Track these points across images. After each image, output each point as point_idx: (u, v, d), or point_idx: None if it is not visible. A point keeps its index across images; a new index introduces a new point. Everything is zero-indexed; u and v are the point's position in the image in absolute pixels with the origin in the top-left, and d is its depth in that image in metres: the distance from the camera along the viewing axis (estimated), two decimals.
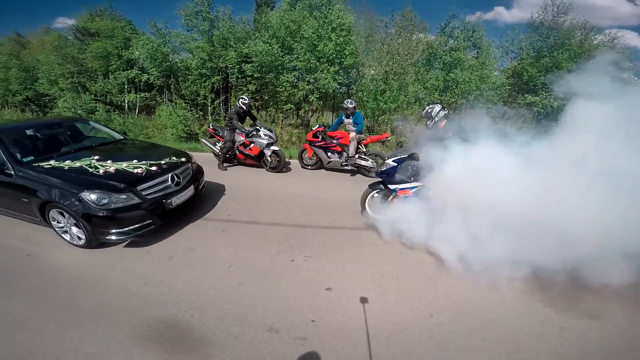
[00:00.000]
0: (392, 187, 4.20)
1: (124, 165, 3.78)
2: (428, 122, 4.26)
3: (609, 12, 27.60)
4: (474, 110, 9.58)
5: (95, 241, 3.48)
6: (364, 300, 2.89)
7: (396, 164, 4.17)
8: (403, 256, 3.66)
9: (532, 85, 11.11)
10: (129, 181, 3.56)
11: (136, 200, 3.49)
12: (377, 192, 4.50)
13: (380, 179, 4.39)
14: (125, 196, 3.43)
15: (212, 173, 6.07)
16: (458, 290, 3.06)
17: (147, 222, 3.55)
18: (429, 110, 4.26)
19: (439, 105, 4.25)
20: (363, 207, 4.58)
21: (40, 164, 3.64)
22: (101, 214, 3.30)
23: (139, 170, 3.73)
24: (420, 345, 2.43)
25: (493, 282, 3.05)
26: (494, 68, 11.39)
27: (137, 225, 3.47)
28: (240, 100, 6.65)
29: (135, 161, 3.89)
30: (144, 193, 3.58)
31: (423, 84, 10.79)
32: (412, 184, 4.11)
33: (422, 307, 2.83)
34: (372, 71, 11.09)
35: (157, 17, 13.64)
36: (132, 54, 11.78)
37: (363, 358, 2.32)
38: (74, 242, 3.59)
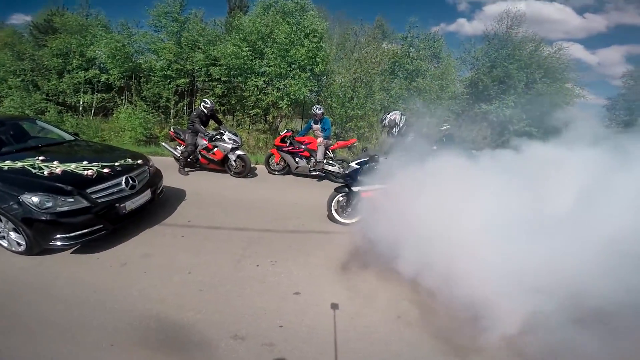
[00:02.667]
0: (355, 189, 4.28)
1: (72, 166, 3.48)
2: (394, 130, 4.30)
3: (561, 25, 30.51)
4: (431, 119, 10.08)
5: (37, 247, 3.15)
6: (333, 304, 2.84)
7: (358, 167, 4.29)
8: (369, 259, 3.64)
9: (486, 95, 11.82)
10: (78, 183, 3.28)
11: (85, 203, 3.22)
12: (342, 196, 4.55)
13: (345, 182, 4.45)
14: (72, 199, 3.16)
15: (173, 178, 5.77)
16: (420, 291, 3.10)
17: (97, 227, 3.28)
18: (392, 118, 4.35)
19: (399, 112, 4.37)
20: (329, 211, 4.60)
21: None
22: (44, 218, 3.00)
23: (89, 172, 3.45)
24: (389, 347, 2.42)
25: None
26: (453, 78, 12.03)
27: (85, 231, 3.19)
28: (202, 103, 6.46)
29: (85, 162, 3.59)
30: (94, 196, 3.32)
31: (388, 92, 11.13)
32: (374, 186, 4.17)
33: (389, 309, 2.83)
34: (342, 78, 11.31)
35: (129, 16, 13.11)
36: (95, 52, 11.17)
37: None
38: (12, 249, 3.24)
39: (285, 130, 6.99)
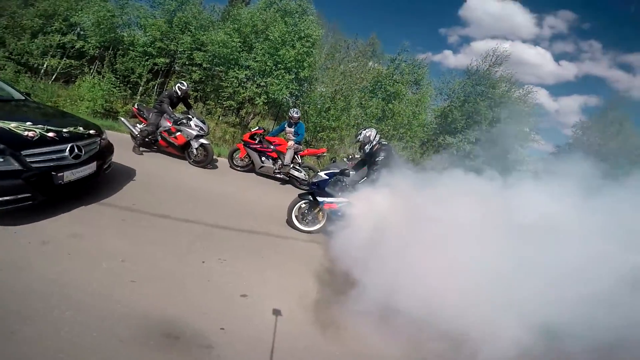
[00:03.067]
0: (320, 199, 4.29)
1: (12, 125, 3.05)
2: (366, 146, 4.35)
3: (536, 69, 33.07)
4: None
5: None
6: (275, 310, 2.70)
7: (327, 177, 4.28)
8: (323, 269, 3.60)
9: (453, 127, 12.43)
10: (13, 143, 2.88)
11: (15, 166, 2.82)
12: (304, 203, 4.50)
13: (310, 190, 4.44)
14: (2, 159, 2.76)
15: (125, 156, 5.25)
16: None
17: (24, 195, 2.87)
18: (367, 134, 4.38)
19: (374, 130, 4.44)
20: (289, 216, 4.53)
21: None
22: None
23: (30, 134, 3.05)
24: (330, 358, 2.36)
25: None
26: (427, 106, 12.57)
27: (8, 198, 2.77)
28: (178, 84, 6.17)
29: (29, 123, 3.17)
30: (28, 160, 2.92)
31: (364, 110, 11.34)
32: (339, 199, 4.23)
33: (336, 320, 2.76)
34: (323, 88, 11.40)
35: None
36: (80, 18, 10.56)
37: None
38: None
39: (257, 127, 6.80)
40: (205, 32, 10.59)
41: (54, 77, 11.25)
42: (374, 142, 4.35)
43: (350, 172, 4.32)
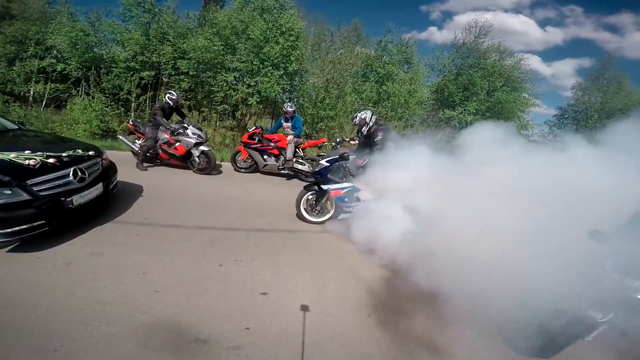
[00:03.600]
0: (324, 187, 4.27)
1: (11, 155, 3.10)
2: (363, 129, 4.34)
3: (522, 37, 32.64)
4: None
5: None
6: (303, 305, 2.74)
7: (329, 164, 4.26)
8: (340, 258, 3.64)
9: (451, 101, 12.34)
10: (17, 174, 2.93)
11: (24, 196, 2.87)
12: (311, 194, 4.50)
13: (315, 181, 4.42)
14: (10, 191, 2.81)
15: (130, 173, 5.40)
16: (392, 289, 3.12)
17: (39, 222, 2.94)
18: (363, 117, 4.40)
19: (370, 111, 4.43)
20: (298, 210, 4.54)
21: None
22: None
23: (31, 162, 3.10)
24: (361, 346, 2.38)
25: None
26: (422, 83, 12.46)
27: (25, 227, 2.85)
28: (167, 95, 6.16)
29: (28, 152, 3.21)
30: (35, 189, 2.97)
31: (359, 94, 11.27)
32: (343, 185, 4.23)
33: (359, 308, 2.80)
34: (315, 79, 11.32)
35: (98, 4, 12.29)
36: (54, 40, 10.37)
37: None
38: None
39: (254, 127, 6.81)
40: (184, 39, 10.44)
41: (44, 104, 11.16)
42: (370, 124, 4.36)
43: (350, 155, 4.30)
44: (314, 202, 4.55)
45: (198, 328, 2.33)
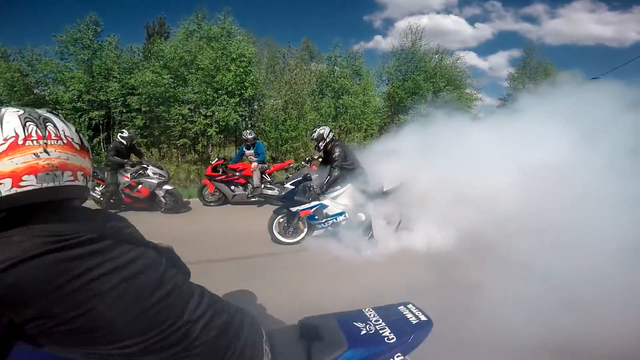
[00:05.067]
0: (293, 209, 4.38)
1: None
2: (320, 144, 4.45)
3: (457, 35, 34.92)
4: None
5: None
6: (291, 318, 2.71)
7: (293, 187, 4.37)
8: (322, 270, 3.71)
9: (402, 106, 12.98)
10: None
11: None
12: (282, 217, 4.58)
13: (283, 204, 4.51)
14: None
15: None
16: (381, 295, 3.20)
17: None
18: (321, 132, 4.47)
19: (328, 127, 4.55)
20: (272, 234, 4.58)
21: None
22: None
23: None
24: None
25: None
26: (374, 93, 13.01)
27: None
28: (119, 134, 5.99)
29: None
30: None
31: (318, 112, 11.53)
32: (311, 204, 4.36)
33: None
34: (273, 101, 11.42)
35: (32, 41, 11.22)
36: None
37: None
38: None
39: (217, 159, 6.74)
40: (131, 74, 10.08)
41: None
42: (327, 139, 4.43)
43: (313, 175, 4.47)
44: (286, 224, 4.61)
45: None
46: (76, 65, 10.09)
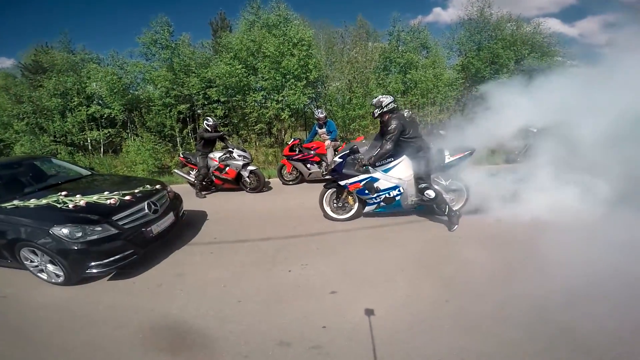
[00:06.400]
0: (342, 183, 4.28)
1: (94, 197, 3.53)
2: (377, 110, 4.10)
3: (531, 1, 30.02)
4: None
5: (75, 277, 3.19)
6: (372, 298, 2.80)
7: (341, 160, 4.25)
8: (400, 248, 3.67)
9: (480, 77, 11.79)
10: (103, 212, 3.33)
11: (113, 231, 3.25)
12: (332, 192, 4.56)
13: (333, 178, 4.44)
14: (100, 228, 3.20)
15: (191, 202, 5.83)
16: (466, 270, 3.10)
17: (129, 252, 3.31)
18: (382, 100, 4.07)
19: (390, 97, 4.12)
20: (323, 210, 4.61)
21: (3, 205, 3.34)
22: (76, 248, 3.05)
23: (112, 201, 3.50)
24: (443, 333, 2.35)
25: None
26: (445, 65, 12.05)
27: (117, 257, 3.22)
28: (205, 121, 6.51)
29: (107, 193, 3.64)
30: (120, 223, 3.35)
31: (385, 88, 11.17)
32: (360, 177, 4.18)
33: (435, 295, 2.79)
34: (337, 83, 11.40)
35: (115, 47, 13.03)
36: (91, 87, 11.11)
37: (386, 356, 2.19)
38: (52, 280, 3.29)
39: (293, 139, 7.03)
40: (207, 68, 10.83)
41: (102, 150, 12.04)
42: (385, 109, 4.02)
43: (361, 148, 4.31)
44: (335, 200, 4.57)
45: (280, 332, 2.47)
46: (159, 64, 11.03)
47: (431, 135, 7.02)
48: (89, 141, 11.86)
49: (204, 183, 6.53)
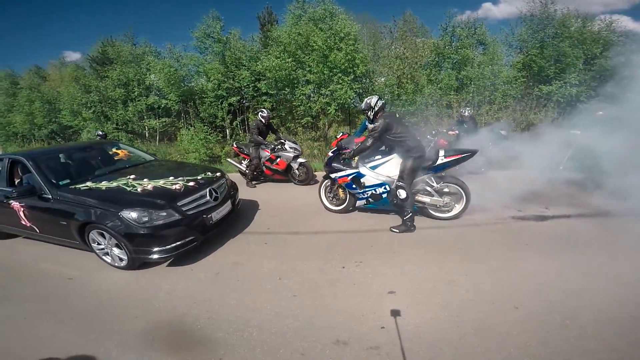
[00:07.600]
0: (332, 176, 4.50)
1: (161, 182, 3.67)
2: (368, 113, 4.10)
3: None
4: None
5: (137, 261, 3.33)
6: (434, 300, 2.63)
7: (332, 155, 4.49)
8: (462, 252, 3.44)
9: (544, 76, 10.85)
10: (169, 197, 3.43)
11: (177, 216, 3.34)
12: (327, 183, 4.81)
13: (327, 170, 4.64)
14: (165, 213, 3.29)
15: (242, 191, 5.86)
16: (541, 277, 2.85)
17: (190, 238, 3.39)
18: (369, 102, 4.07)
19: (377, 96, 4.11)
20: (321, 200, 4.91)
21: (77, 186, 3.56)
22: (142, 232, 3.16)
23: (177, 186, 3.61)
24: (507, 340, 2.19)
25: None
26: (503, 63, 11.24)
27: (179, 242, 3.31)
28: (260, 113, 6.59)
29: (172, 178, 3.77)
30: (184, 209, 3.44)
31: (437, 85, 10.65)
32: (347, 171, 4.35)
33: (503, 300, 2.58)
34: (383, 78, 11.08)
35: (174, 42, 13.86)
36: (150, 79, 11.89)
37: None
38: (116, 264, 3.46)
39: (341, 134, 6.90)
40: (257, 62, 11.02)
41: (157, 138, 12.76)
42: (376, 109, 4.03)
43: (348, 145, 4.48)
44: (328, 190, 4.81)
45: (337, 330, 2.38)
46: (212, 57, 11.41)
47: (491, 134, 6.57)
48: (146, 129, 12.71)
49: (255, 173, 6.65)
